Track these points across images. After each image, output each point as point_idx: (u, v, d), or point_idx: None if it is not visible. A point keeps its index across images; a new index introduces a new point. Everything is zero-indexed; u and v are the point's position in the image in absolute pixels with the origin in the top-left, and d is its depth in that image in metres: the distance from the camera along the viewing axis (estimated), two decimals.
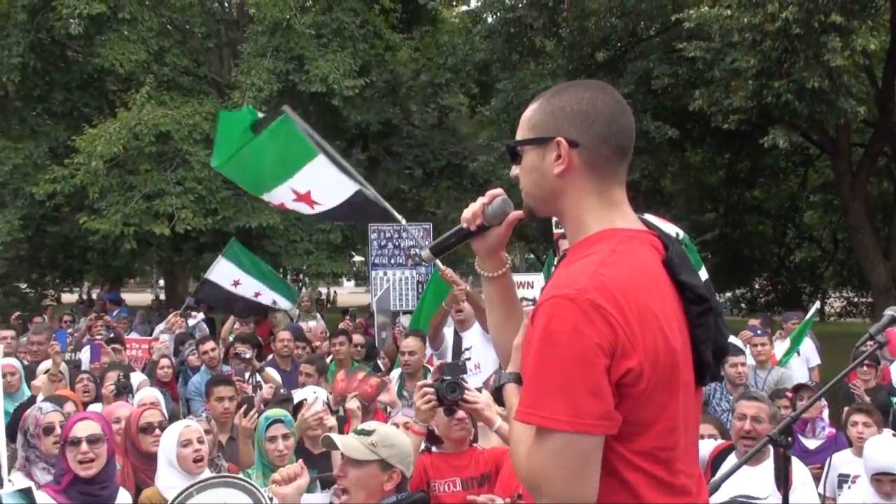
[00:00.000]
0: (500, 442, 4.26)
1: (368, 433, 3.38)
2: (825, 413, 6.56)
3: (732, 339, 8.01)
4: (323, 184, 8.37)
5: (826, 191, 23.65)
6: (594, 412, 1.78)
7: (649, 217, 2.12)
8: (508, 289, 2.31)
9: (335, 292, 42.54)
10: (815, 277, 25.40)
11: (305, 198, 8.45)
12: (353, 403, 5.35)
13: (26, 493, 3.79)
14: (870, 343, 3.34)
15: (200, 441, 4.49)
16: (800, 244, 25.95)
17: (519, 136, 2.09)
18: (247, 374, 7.72)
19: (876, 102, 16.31)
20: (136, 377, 7.59)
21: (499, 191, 2.22)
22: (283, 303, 11.33)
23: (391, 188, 22.21)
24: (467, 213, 2.22)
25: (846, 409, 6.26)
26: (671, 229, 2.07)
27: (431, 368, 6.82)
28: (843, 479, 5.27)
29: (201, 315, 12.92)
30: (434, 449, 4.44)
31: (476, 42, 20.31)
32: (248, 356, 8.04)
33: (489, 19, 19.75)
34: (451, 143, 23.01)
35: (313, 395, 5.36)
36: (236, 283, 10.91)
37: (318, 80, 17.89)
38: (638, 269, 1.90)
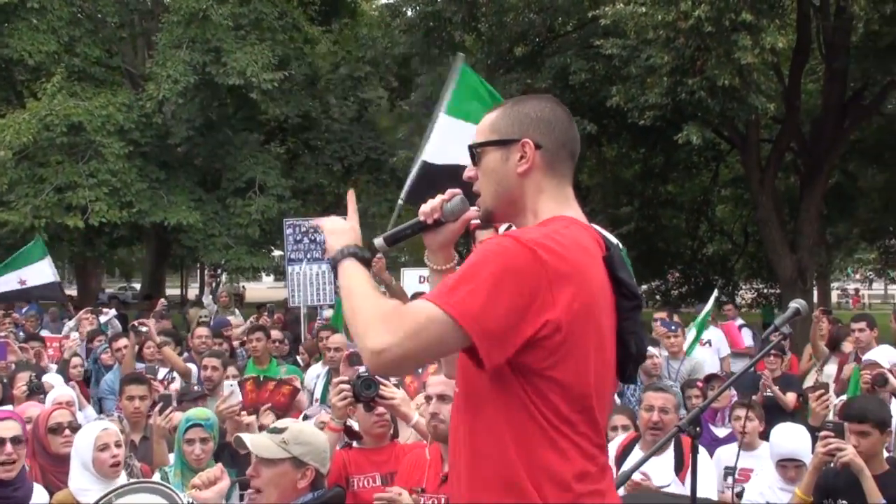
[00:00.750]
0: (419, 437, 4.29)
1: (280, 431, 3.35)
2: (734, 400, 6.76)
3: None
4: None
5: (736, 185, 24.28)
6: (481, 317, 1.92)
7: (594, 225, 2.27)
8: None
9: (244, 287, 41.98)
10: (726, 270, 26.05)
11: None
12: (267, 418, 5.28)
13: None
14: (775, 334, 3.45)
15: (118, 445, 4.38)
16: (712, 237, 26.58)
17: (480, 139, 2.27)
18: (162, 371, 7.58)
19: (783, 99, 16.82)
20: (52, 377, 7.35)
21: (458, 190, 2.36)
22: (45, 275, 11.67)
23: (310, 182, 22.07)
24: (426, 207, 2.36)
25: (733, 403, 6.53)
26: (612, 238, 2.22)
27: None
28: (728, 472, 5.45)
29: (113, 311, 12.63)
30: (354, 444, 4.44)
31: (395, 36, 20.27)
32: (145, 329, 7.92)
33: (408, 13, 19.73)
34: (371, 138, 22.95)
35: (230, 388, 5.28)
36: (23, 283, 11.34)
37: (235, 73, 17.65)
38: (584, 248, 2.08)
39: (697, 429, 3.13)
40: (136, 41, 21.98)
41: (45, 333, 11.06)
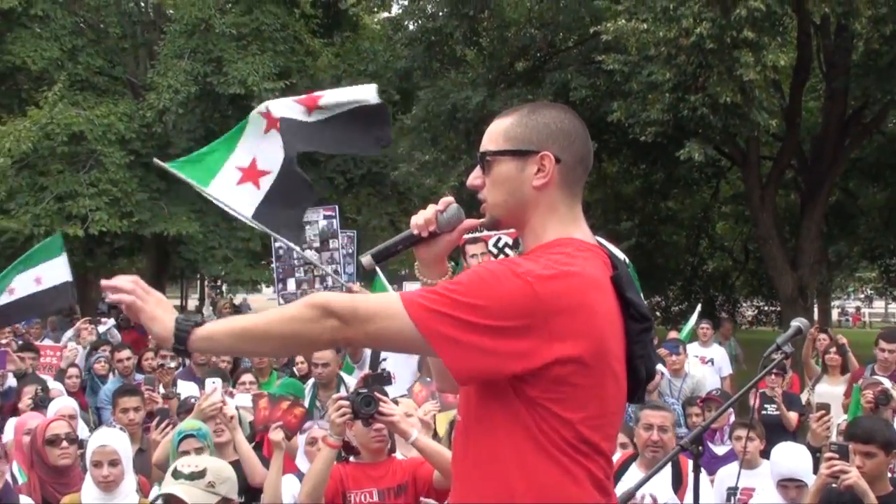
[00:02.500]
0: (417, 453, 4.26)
1: (202, 475, 3.34)
2: (732, 419, 6.74)
3: None
4: (266, 147, 7.50)
5: (737, 202, 24.27)
6: (427, 307, 1.89)
7: (601, 239, 2.20)
8: None
9: (245, 298, 41.80)
10: (726, 287, 26.05)
11: (251, 171, 7.49)
12: (277, 435, 5.25)
13: None
14: (777, 353, 3.43)
15: (113, 464, 4.36)
16: (712, 254, 26.58)
17: (493, 146, 2.14)
18: (159, 385, 7.53)
19: (784, 117, 16.84)
20: (53, 386, 7.31)
21: (451, 199, 2.26)
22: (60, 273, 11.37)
23: None
24: (418, 219, 2.25)
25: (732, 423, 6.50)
26: (619, 254, 2.15)
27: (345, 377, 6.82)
28: (730, 493, 5.42)
29: (112, 321, 12.60)
30: (351, 459, 4.41)
31: (397, 49, 20.30)
32: (172, 365, 7.95)
33: (410, 27, 19.77)
34: None
35: (212, 386, 5.25)
36: (11, 291, 11.13)
37: (236, 83, 17.64)
38: (590, 276, 1.96)
39: (699, 448, 3.11)
40: (137, 51, 21.98)
41: (47, 342, 11.05)
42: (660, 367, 8.15)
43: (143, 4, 22.71)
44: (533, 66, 18.08)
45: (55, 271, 11.32)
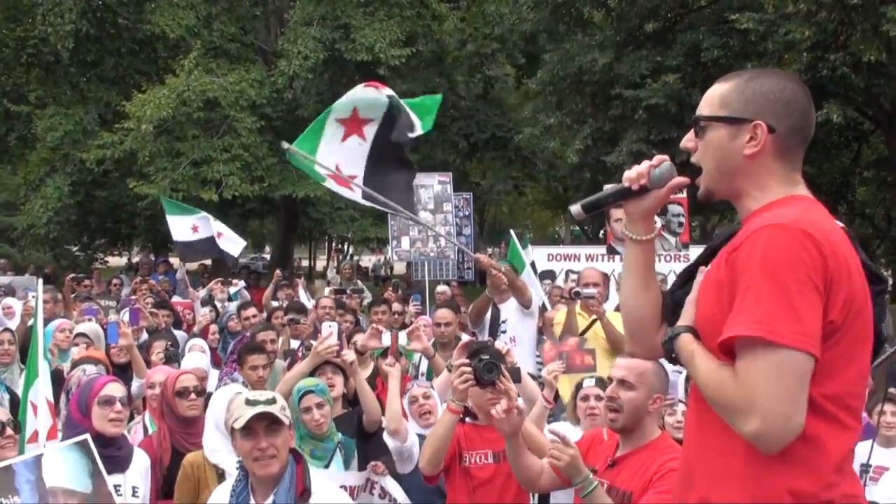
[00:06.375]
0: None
1: (274, 400, 3.45)
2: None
3: None
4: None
5: (880, 167, 23.09)
6: (815, 333, 1.87)
7: None
8: (650, 255, 2.35)
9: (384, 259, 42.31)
10: (867, 254, 24.91)
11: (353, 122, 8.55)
12: (392, 366, 5.34)
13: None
14: None
15: None
16: (851, 221, 25.41)
17: (707, 111, 2.16)
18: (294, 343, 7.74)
19: None
20: (194, 342, 7.59)
21: (666, 157, 2.28)
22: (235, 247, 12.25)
23: (436, 159, 22.21)
24: (631, 173, 2.27)
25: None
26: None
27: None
28: (864, 469, 5.16)
29: (242, 283, 13.08)
30: (468, 420, 4.42)
31: (523, 12, 20.02)
32: (303, 321, 8.23)
33: None
34: (497, 115, 22.87)
35: (328, 329, 5.36)
36: (195, 229, 12.20)
37: (364, 49, 17.85)
38: (844, 237, 2.02)
39: None
40: (268, 19, 22.49)
41: (177, 299, 11.52)
42: None
43: None
44: (663, 27, 17.54)
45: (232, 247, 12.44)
